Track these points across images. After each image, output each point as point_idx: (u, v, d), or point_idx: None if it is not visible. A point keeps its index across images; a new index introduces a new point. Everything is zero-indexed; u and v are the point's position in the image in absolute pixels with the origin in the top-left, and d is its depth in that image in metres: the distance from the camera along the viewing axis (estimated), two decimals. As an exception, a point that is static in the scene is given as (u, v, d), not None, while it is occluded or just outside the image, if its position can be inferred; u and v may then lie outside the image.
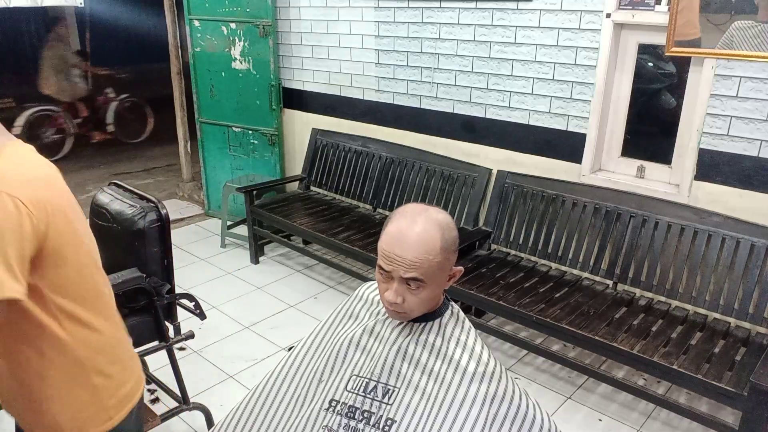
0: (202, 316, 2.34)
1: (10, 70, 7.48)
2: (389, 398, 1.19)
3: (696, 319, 2.62)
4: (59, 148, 6.44)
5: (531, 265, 3.12)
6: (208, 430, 2.39)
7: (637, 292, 2.82)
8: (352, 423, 1.18)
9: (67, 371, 1.18)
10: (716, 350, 2.41)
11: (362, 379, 1.23)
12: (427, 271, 1.13)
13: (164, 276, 2.16)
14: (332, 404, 1.22)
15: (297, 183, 4.32)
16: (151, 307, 2.11)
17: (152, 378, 2.56)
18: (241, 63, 4.26)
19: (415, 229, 1.14)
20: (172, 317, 2.28)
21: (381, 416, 1.17)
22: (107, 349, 1.24)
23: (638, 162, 2.93)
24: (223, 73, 4.37)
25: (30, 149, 1.15)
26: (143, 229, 2.04)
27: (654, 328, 2.54)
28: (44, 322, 1.12)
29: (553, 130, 3.06)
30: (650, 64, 2.97)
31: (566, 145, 3.03)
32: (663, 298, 2.74)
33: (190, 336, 2.30)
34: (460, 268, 1.24)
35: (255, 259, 4.05)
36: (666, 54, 2.58)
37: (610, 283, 2.89)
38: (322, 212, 3.86)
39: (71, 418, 1.20)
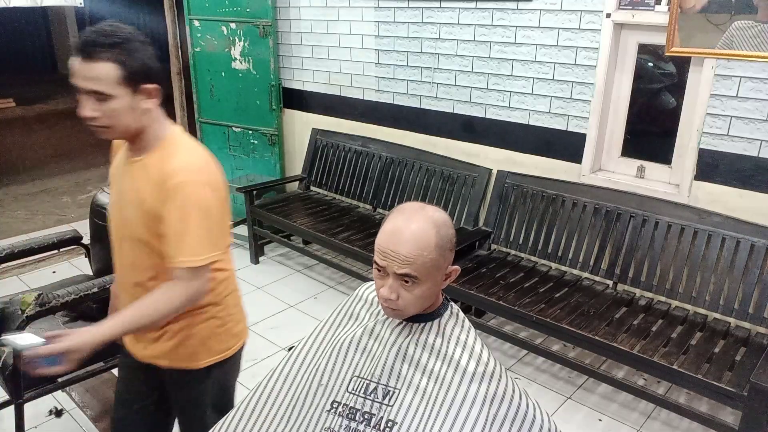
0: (202, 316, 2.34)
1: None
2: (390, 399, 1.19)
3: (696, 319, 2.62)
4: None
5: (531, 265, 3.12)
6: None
7: (637, 292, 2.82)
8: (353, 424, 1.18)
9: (214, 304, 1.53)
10: (716, 350, 2.41)
11: (363, 380, 1.23)
12: (420, 268, 1.13)
13: (165, 276, 2.16)
14: (334, 405, 1.23)
15: (297, 183, 4.32)
16: (151, 307, 2.12)
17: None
18: (241, 63, 4.26)
19: (411, 226, 1.14)
20: (173, 317, 2.28)
21: (382, 417, 1.17)
22: (234, 292, 1.61)
23: (638, 162, 2.93)
24: (223, 73, 4.37)
25: (183, 131, 1.46)
26: (144, 229, 2.04)
27: (654, 328, 2.54)
28: None
29: (553, 130, 3.06)
30: (650, 64, 2.97)
31: (566, 145, 3.03)
32: (663, 298, 2.74)
33: (191, 336, 2.30)
34: (457, 267, 1.23)
35: (255, 259, 4.05)
36: (666, 54, 2.58)
37: (610, 283, 2.89)
38: (322, 212, 3.86)
39: (202, 343, 1.54)
